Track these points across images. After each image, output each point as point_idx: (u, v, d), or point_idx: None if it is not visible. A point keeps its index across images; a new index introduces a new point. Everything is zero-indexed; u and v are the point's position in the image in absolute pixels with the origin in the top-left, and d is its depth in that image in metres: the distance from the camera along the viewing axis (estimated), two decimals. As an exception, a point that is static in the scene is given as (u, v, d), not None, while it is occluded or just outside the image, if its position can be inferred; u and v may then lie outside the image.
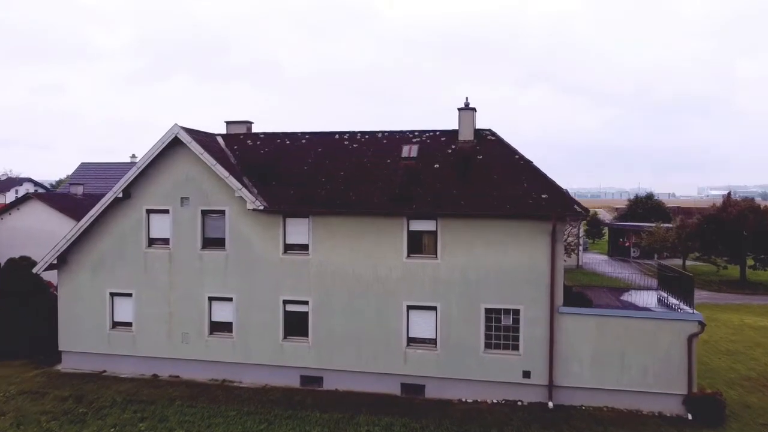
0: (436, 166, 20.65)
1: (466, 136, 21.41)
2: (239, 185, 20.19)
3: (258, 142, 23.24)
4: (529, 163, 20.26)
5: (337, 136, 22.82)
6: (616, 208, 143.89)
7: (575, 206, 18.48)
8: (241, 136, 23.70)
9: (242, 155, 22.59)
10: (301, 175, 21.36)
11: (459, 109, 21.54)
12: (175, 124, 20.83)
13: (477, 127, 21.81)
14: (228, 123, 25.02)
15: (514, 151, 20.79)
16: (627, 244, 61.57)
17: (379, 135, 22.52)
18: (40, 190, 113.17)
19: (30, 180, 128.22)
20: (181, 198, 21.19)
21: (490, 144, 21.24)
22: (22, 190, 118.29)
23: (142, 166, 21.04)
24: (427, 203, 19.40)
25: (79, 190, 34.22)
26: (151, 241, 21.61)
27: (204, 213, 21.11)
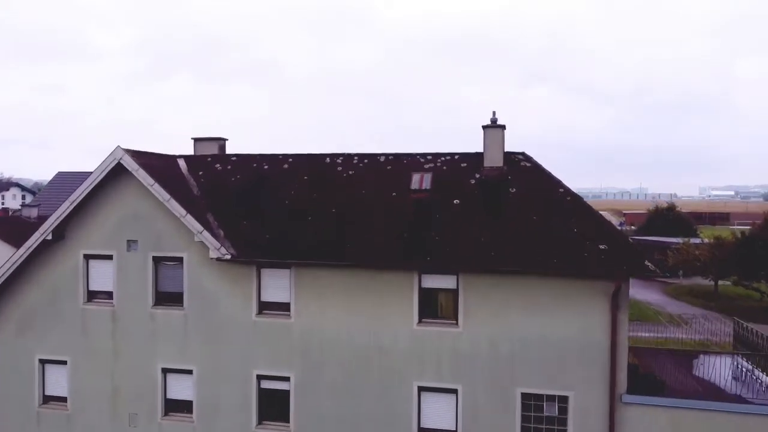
0: (456, 201, 15.93)
1: (494, 161, 16.67)
2: (200, 227, 15.51)
3: (229, 167, 18.48)
4: (578, 198, 15.56)
5: (328, 160, 18.05)
6: (625, 214, 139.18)
7: (646, 262, 13.78)
8: (209, 159, 18.93)
9: (208, 184, 17.86)
10: (282, 211, 16.64)
11: (484, 128, 16.82)
12: (118, 146, 16.16)
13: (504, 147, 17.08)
14: (196, 140, 20.32)
15: (556, 182, 16.08)
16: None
17: (382, 159, 17.76)
18: (28, 196, 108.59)
19: (17, 185, 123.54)
20: (128, 241, 16.52)
21: (524, 172, 16.52)
22: (9, 195, 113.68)
23: (77, 200, 16.33)
24: (445, 253, 14.72)
25: (32, 212, 29.52)
26: (91, 295, 16.92)
27: (157, 260, 16.44)
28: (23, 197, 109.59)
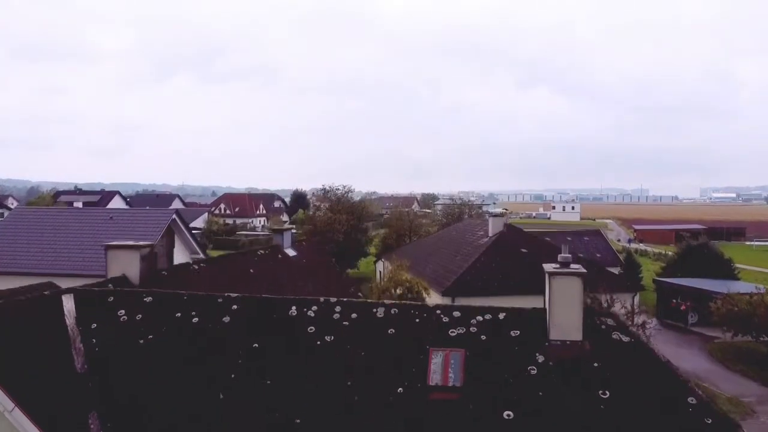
0: (508, 414, 9.31)
1: (567, 332, 9.98)
2: (64, 462, 8.95)
3: (140, 316, 11.75)
4: (721, 415, 8.94)
5: (294, 310, 11.34)
6: (635, 230, 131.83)
7: None
8: (111, 298, 12.19)
9: (103, 349, 11.17)
10: (212, 411, 10.02)
11: (550, 275, 10.18)
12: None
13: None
14: (108, 248, 13.91)
15: (674, 374, 9.49)
16: (683, 308, 50.23)
17: (379, 313, 11.07)
18: (3, 211, 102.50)
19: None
20: (-41, 460, 9.97)
21: (619, 353, 9.86)
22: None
23: None
24: None
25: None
26: None
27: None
28: (2, 215, 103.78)
